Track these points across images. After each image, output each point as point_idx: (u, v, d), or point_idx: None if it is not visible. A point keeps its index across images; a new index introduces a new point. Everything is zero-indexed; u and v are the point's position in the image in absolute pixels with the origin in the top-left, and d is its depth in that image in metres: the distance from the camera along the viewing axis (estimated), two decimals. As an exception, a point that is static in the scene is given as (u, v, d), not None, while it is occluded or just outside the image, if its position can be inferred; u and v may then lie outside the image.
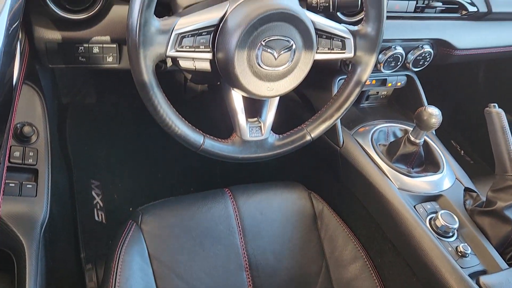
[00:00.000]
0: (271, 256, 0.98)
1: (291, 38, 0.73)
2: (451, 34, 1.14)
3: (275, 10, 0.69)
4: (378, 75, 1.18)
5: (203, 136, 0.77)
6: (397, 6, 1.03)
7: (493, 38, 1.23)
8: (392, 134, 1.13)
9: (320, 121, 0.88)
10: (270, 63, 0.73)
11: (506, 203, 0.90)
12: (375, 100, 1.27)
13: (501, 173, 0.92)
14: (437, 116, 0.95)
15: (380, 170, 1.02)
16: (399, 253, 0.95)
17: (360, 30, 0.83)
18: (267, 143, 0.84)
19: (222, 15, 0.71)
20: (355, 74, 0.87)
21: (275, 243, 0.99)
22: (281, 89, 0.78)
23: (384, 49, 1.08)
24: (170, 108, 0.73)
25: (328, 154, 1.13)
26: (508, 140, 0.92)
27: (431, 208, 0.97)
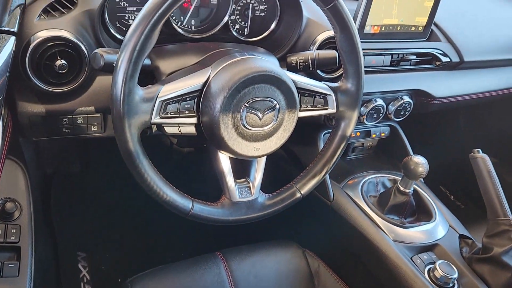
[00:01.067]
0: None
1: (274, 99, 0.74)
2: (428, 84, 1.18)
3: (257, 72, 0.71)
4: (362, 127, 1.20)
5: (192, 201, 0.76)
6: (373, 61, 1.07)
7: (468, 85, 1.27)
8: (381, 184, 1.13)
9: (309, 177, 0.87)
10: (255, 124, 0.74)
11: (502, 248, 0.89)
12: (361, 151, 1.28)
13: (494, 218, 0.92)
14: (424, 165, 0.96)
15: (373, 222, 1.01)
16: (401, 309, 0.91)
17: (340, 86, 0.85)
18: (257, 203, 0.83)
19: (205, 80, 0.72)
20: (339, 129, 0.88)
21: (272, 307, 0.95)
22: (268, 149, 0.78)
23: (366, 102, 1.11)
24: (157, 175, 0.72)
25: (319, 209, 1.12)
26: (496, 184, 0.92)
27: (428, 258, 0.95)
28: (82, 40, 0.78)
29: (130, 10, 0.88)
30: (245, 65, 0.72)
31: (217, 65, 0.74)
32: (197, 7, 0.94)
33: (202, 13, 0.95)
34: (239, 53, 0.78)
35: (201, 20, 0.96)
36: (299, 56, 0.91)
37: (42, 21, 0.77)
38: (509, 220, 0.90)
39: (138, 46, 0.62)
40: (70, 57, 0.77)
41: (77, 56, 0.78)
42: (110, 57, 0.70)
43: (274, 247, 1.04)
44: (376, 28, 1.05)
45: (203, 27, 0.96)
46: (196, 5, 0.93)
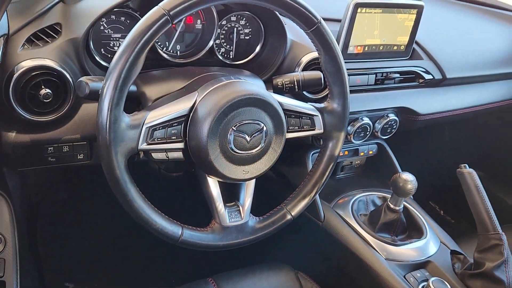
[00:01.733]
0: None
1: (261, 121, 0.74)
2: (412, 101, 1.19)
3: (243, 96, 0.71)
4: (350, 146, 1.20)
5: (181, 227, 0.75)
6: (358, 80, 1.08)
7: (451, 101, 1.29)
8: (371, 203, 1.14)
9: (299, 198, 0.87)
10: (243, 147, 0.74)
11: (494, 263, 0.89)
12: (350, 170, 1.28)
13: (484, 232, 0.92)
14: (412, 182, 0.96)
15: (365, 241, 1.00)
16: (397, 329, 0.90)
17: (326, 107, 0.86)
18: (247, 227, 0.82)
19: (191, 105, 0.72)
20: (327, 149, 0.88)
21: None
22: (257, 171, 0.78)
23: (352, 121, 1.12)
24: (145, 202, 0.71)
25: (310, 230, 1.11)
26: (484, 199, 0.93)
27: (421, 276, 0.94)
28: (66, 69, 0.77)
29: (115, 37, 0.89)
30: (231, 89, 0.73)
31: (203, 89, 0.75)
32: (182, 32, 0.95)
33: (187, 38, 0.96)
34: (225, 77, 0.79)
35: (186, 45, 0.97)
36: (284, 78, 0.92)
37: (25, 51, 0.77)
38: (499, 234, 0.90)
39: (124, 73, 0.62)
40: (54, 86, 0.77)
41: (62, 84, 0.77)
42: (95, 84, 0.69)
43: (267, 270, 1.02)
44: (359, 48, 1.07)
45: (188, 51, 0.97)
46: (181, 30, 0.94)
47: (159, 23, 0.63)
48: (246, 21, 1.01)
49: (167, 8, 0.63)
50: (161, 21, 0.63)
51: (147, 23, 0.63)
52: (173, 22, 0.64)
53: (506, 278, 0.88)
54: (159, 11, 0.63)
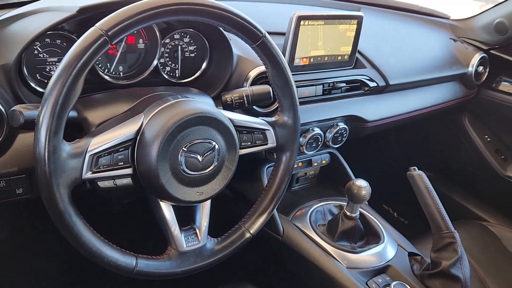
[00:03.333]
0: None
1: (212, 140, 0.72)
2: (360, 109, 1.22)
3: (192, 115, 0.69)
4: (303, 157, 1.21)
5: (135, 257, 0.71)
6: (306, 92, 1.09)
7: (395, 107, 1.34)
8: (328, 212, 1.14)
9: (256, 215, 0.85)
10: (195, 167, 0.71)
11: (450, 261, 0.91)
12: (305, 181, 1.29)
13: (437, 232, 0.95)
14: (366, 188, 0.98)
15: (325, 252, 1.00)
16: (364, 339, 0.90)
17: (277, 120, 0.85)
18: (206, 250, 0.79)
19: (138, 128, 0.69)
20: (281, 162, 0.88)
21: None
22: (212, 192, 0.75)
23: (304, 132, 1.12)
24: (94, 235, 0.66)
25: (271, 246, 1.09)
26: (435, 199, 0.96)
27: (383, 281, 0.95)
28: None
29: (51, 61, 0.84)
30: (179, 109, 0.70)
31: (150, 111, 0.72)
32: (123, 52, 0.91)
33: (129, 58, 0.93)
34: (171, 97, 0.76)
35: (129, 65, 0.93)
36: (233, 94, 0.90)
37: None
38: (452, 232, 0.93)
39: (61, 99, 0.58)
40: None
41: None
42: (31, 113, 0.65)
43: None
44: (305, 60, 1.08)
45: (132, 72, 0.94)
46: (122, 50, 0.90)
47: (97, 44, 0.60)
48: (190, 38, 0.99)
49: (105, 28, 0.60)
50: (98, 42, 0.60)
51: (84, 45, 0.59)
52: (112, 42, 0.61)
53: (462, 275, 0.90)
54: (96, 32, 0.60)
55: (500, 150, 1.58)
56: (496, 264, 1.29)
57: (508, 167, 1.55)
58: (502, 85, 1.53)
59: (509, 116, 1.52)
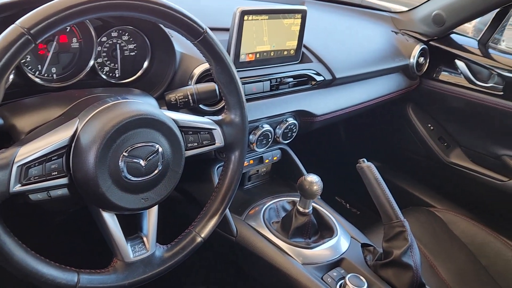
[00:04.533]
0: None
1: (155, 142, 0.68)
2: (308, 103, 1.22)
3: (131, 117, 0.65)
4: (254, 155, 1.19)
5: (77, 273, 0.66)
6: (254, 88, 1.07)
7: (343, 100, 1.35)
8: (282, 209, 1.13)
9: (207, 218, 0.82)
10: (138, 173, 0.67)
11: (401, 250, 0.93)
12: (257, 178, 1.27)
13: (388, 222, 0.96)
14: (318, 183, 0.97)
15: (280, 250, 0.99)
16: (321, 334, 0.89)
17: (224, 118, 0.83)
18: (155, 259, 0.75)
19: (72, 134, 0.64)
20: (231, 162, 0.85)
21: None
22: (158, 197, 0.72)
23: (253, 129, 1.11)
24: (27, 253, 0.60)
25: (224, 248, 1.07)
26: (385, 190, 0.97)
27: (338, 274, 0.95)
28: None
29: None
30: (117, 111, 0.66)
31: (85, 114, 0.67)
32: (56, 53, 0.85)
33: (63, 58, 0.86)
34: (110, 98, 0.72)
35: (63, 66, 0.87)
36: (177, 93, 0.87)
37: None
38: (402, 221, 0.94)
39: None
40: None
41: None
42: None
43: None
44: (251, 56, 1.06)
45: (66, 73, 0.87)
46: (54, 51, 0.84)
47: (18, 44, 0.54)
48: (129, 36, 0.94)
49: (27, 26, 0.54)
50: (20, 41, 0.54)
51: (3, 45, 0.54)
52: (36, 42, 0.56)
53: (413, 262, 0.92)
54: (17, 30, 0.54)
55: (443, 138, 1.64)
56: (444, 248, 1.34)
57: (451, 154, 1.61)
58: (442, 75, 1.59)
59: (449, 104, 1.58)
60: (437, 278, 1.25)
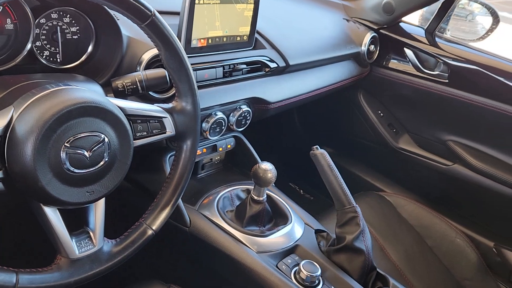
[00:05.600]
0: None
1: (100, 132, 0.64)
2: (262, 90, 1.20)
3: (73, 105, 0.61)
4: (207, 143, 1.16)
5: (16, 273, 0.61)
6: (206, 75, 1.04)
7: (296, 87, 1.35)
8: (236, 197, 1.12)
9: (158, 210, 0.79)
10: (82, 164, 0.63)
11: (353, 235, 0.95)
12: (211, 167, 1.25)
13: (340, 208, 0.98)
14: (272, 171, 0.97)
15: (234, 239, 0.98)
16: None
17: (175, 106, 0.80)
18: (103, 254, 0.71)
19: (6, 123, 0.59)
20: (183, 151, 0.83)
21: None
22: (104, 189, 0.68)
23: (206, 117, 1.08)
24: None
25: (178, 238, 1.04)
26: (337, 176, 0.98)
27: (292, 261, 0.96)
28: None
29: None
30: (58, 98, 0.61)
31: (21, 102, 0.61)
32: (-13, 35, 0.78)
33: (-4, 41, 0.80)
34: (50, 84, 0.67)
35: None
36: (125, 79, 0.82)
37: None
38: (354, 207, 0.96)
39: None
40: None
41: None
42: None
43: None
44: (202, 41, 1.03)
45: (1, 57, 0.80)
46: (-15, 33, 0.77)
47: None
48: (71, 18, 0.88)
49: None
50: None
51: None
52: None
53: (365, 247, 0.94)
54: None
55: (392, 124, 1.69)
56: (393, 231, 1.39)
57: (399, 140, 1.67)
58: (391, 62, 1.63)
59: (398, 91, 1.63)
60: (386, 259, 1.30)
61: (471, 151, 1.48)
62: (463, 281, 1.34)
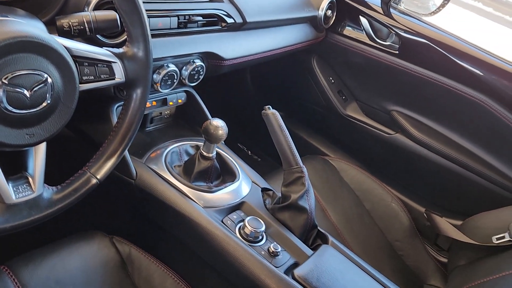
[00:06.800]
0: (81, 327, 0.82)
1: (43, 71, 0.60)
2: (217, 46, 1.17)
3: (12, 39, 0.56)
4: (157, 96, 1.13)
5: None
6: (160, 23, 1.00)
7: (252, 45, 1.33)
8: (185, 153, 1.10)
9: (104, 159, 0.77)
10: (22, 104, 0.59)
11: (298, 194, 0.97)
12: (160, 121, 1.22)
13: (288, 167, 1.00)
14: (223, 128, 0.96)
15: (181, 193, 0.97)
16: (220, 274, 0.92)
17: (126, 52, 0.76)
18: (42, 200, 0.68)
19: None
20: (132, 100, 0.80)
21: (83, 309, 0.84)
22: (46, 133, 0.64)
23: (158, 68, 1.04)
24: None
25: (122, 190, 1.02)
26: (287, 137, 0.99)
27: (238, 217, 0.97)
28: None
29: None
30: None
31: None
32: None
33: None
34: None
35: None
36: (71, 19, 0.76)
37: None
38: (300, 167, 0.98)
39: None
40: None
41: None
42: None
43: (76, 242, 0.91)
44: (158, -13, 0.98)
45: None
46: None
47: None
48: None
49: None
50: None
51: None
52: None
53: (308, 206, 0.97)
54: None
55: (342, 91, 1.72)
56: (334, 194, 1.45)
57: (347, 107, 1.71)
58: (346, 29, 1.64)
59: (350, 59, 1.65)
60: (327, 220, 1.36)
61: (413, 122, 1.55)
62: (394, 242, 1.44)
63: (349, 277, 0.90)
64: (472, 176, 1.46)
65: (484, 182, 1.44)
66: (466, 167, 1.46)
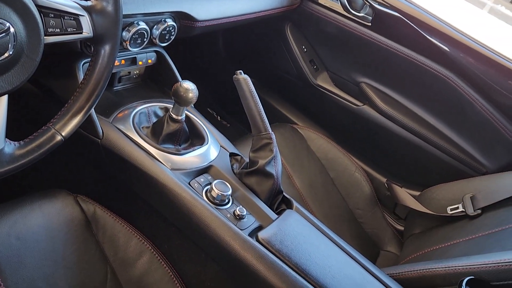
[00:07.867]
0: (43, 284, 0.82)
1: (5, 20, 0.57)
2: (190, 6, 1.14)
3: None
4: (127, 54, 1.09)
5: None
6: (131, -22, 0.96)
7: (226, 8, 1.30)
8: (153, 114, 1.09)
9: (69, 115, 0.75)
10: (-19, 53, 0.56)
11: (265, 160, 0.99)
12: (129, 81, 1.19)
13: (257, 133, 1.00)
14: (193, 91, 0.95)
15: (148, 154, 0.97)
16: (184, 234, 0.93)
17: (95, 5, 0.73)
18: (4, 155, 0.66)
19: None
20: (100, 57, 0.77)
21: (45, 266, 0.84)
22: (8, 85, 0.62)
23: (127, 26, 1.01)
24: None
25: (88, 149, 1.00)
26: (257, 103, 0.99)
27: (205, 180, 0.98)
28: None
29: None
30: None
31: None
32: None
33: None
34: None
35: None
36: None
37: None
38: (269, 134, 0.99)
39: None
40: None
41: None
42: None
43: (38, 199, 0.90)
44: None
45: None
46: None
47: None
48: None
49: None
50: None
51: None
52: None
53: (275, 172, 0.99)
54: None
55: (313, 61, 1.73)
56: (300, 161, 1.48)
57: (318, 77, 1.72)
58: (322, -2, 1.63)
59: (324, 29, 1.65)
60: (292, 186, 1.39)
61: (380, 95, 1.58)
62: (355, 210, 1.50)
63: (311, 241, 0.93)
64: (432, 149, 1.52)
65: (444, 155, 1.51)
66: (428, 140, 1.52)
